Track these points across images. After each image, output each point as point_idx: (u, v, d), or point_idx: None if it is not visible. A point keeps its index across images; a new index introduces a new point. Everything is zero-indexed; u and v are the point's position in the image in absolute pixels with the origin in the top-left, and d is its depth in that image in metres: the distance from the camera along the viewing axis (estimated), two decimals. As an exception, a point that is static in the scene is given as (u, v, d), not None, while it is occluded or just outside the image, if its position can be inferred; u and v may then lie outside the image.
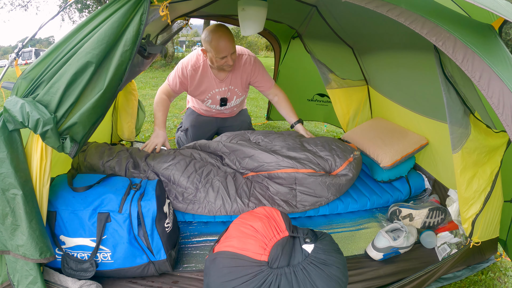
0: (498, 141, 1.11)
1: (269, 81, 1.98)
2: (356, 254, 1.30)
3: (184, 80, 1.84)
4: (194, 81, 1.85)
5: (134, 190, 1.09)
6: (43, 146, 0.90)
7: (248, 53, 1.96)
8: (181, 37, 27.29)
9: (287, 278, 0.87)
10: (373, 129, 1.96)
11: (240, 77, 1.92)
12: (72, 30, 0.89)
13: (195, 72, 1.83)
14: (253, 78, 1.95)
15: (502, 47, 0.87)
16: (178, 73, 1.84)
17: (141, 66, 1.33)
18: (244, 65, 1.90)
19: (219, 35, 1.62)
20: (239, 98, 2.04)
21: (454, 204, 1.35)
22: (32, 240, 0.87)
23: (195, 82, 1.86)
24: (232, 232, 1.00)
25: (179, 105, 4.58)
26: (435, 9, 0.89)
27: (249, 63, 1.91)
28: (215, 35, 1.63)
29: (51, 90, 0.85)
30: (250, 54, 1.94)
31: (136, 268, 1.08)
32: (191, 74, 1.83)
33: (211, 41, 1.63)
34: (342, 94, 2.20)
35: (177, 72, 1.85)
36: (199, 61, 1.83)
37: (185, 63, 1.85)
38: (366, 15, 1.53)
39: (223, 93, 1.95)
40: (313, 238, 0.99)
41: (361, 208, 1.59)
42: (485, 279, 1.37)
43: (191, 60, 1.84)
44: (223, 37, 1.63)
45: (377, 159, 1.71)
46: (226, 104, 2.02)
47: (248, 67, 1.91)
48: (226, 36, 1.63)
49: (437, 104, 1.53)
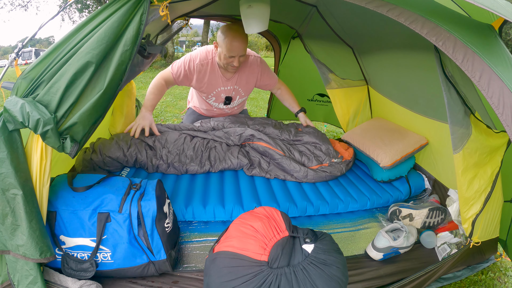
0: (498, 141, 1.11)
1: (274, 78, 2.04)
2: (356, 254, 1.30)
3: (189, 73, 1.82)
4: (200, 75, 1.84)
5: (134, 190, 1.09)
6: (43, 146, 0.90)
7: (254, 54, 1.97)
8: (181, 37, 27.31)
9: (287, 278, 0.87)
10: (373, 129, 1.96)
11: (246, 77, 1.93)
12: (72, 30, 0.89)
13: (202, 67, 1.82)
14: (259, 80, 1.99)
15: (502, 47, 0.87)
16: (184, 64, 1.82)
17: (141, 66, 1.33)
18: (250, 66, 1.91)
19: (235, 34, 1.63)
20: (242, 98, 2.06)
21: (454, 204, 1.35)
22: (32, 240, 0.88)
23: (201, 77, 1.85)
24: (232, 232, 1.00)
25: (179, 105, 4.58)
26: (435, 9, 0.89)
27: (256, 65, 1.93)
28: (232, 33, 1.64)
29: (51, 90, 0.85)
30: (255, 55, 1.96)
31: (136, 268, 1.08)
32: (198, 68, 1.82)
33: (226, 37, 1.64)
34: (342, 94, 2.20)
35: (184, 63, 1.83)
36: (208, 57, 1.82)
37: (194, 56, 1.84)
38: (366, 15, 1.53)
39: (229, 91, 1.96)
40: (313, 238, 0.99)
41: (361, 208, 1.59)
42: (485, 279, 1.37)
43: (200, 54, 1.83)
44: (238, 38, 1.64)
45: (377, 159, 1.71)
46: (230, 103, 2.03)
47: (256, 69, 1.93)
48: (241, 38, 1.65)
49: (437, 104, 1.53)
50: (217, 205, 1.42)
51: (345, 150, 1.92)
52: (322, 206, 1.52)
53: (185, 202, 1.43)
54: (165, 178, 1.62)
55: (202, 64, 1.82)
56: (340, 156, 1.83)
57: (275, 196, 1.53)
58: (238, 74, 1.90)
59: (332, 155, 1.79)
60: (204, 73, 1.84)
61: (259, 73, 1.95)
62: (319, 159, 1.77)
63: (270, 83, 2.04)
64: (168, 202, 1.18)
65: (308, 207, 1.50)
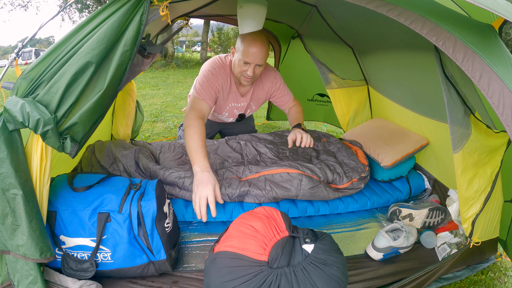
0: (498, 141, 1.11)
1: (288, 95, 1.83)
2: (356, 254, 1.30)
3: (217, 85, 1.59)
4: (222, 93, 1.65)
5: (134, 190, 1.09)
6: (43, 146, 0.90)
7: (273, 69, 1.81)
8: (181, 37, 27.32)
9: (287, 278, 0.86)
10: (373, 129, 1.96)
11: (261, 93, 1.78)
12: (72, 30, 0.89)
13: (224, 83, 1.64)
14: (273, 96, 1.82)
15: (502, 47, 0.87)
16: (209, 79, 1.56)
17: (141, 66, 1.33)
18: (267, 80, 1.75)
19: (256, 39, 1.47)
20: (252, 112, 1.96)
21: (454, 204, 1.35)
22: (32, 240, 0.87)
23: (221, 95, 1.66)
24: (232, 232, 1.00)
25: (179, 105, 4.58)
26: (435, 9, 0.89)
27: (273, 78, 1.76)
28: (252, 36, 1.48)
29: (51, 90, 0.85)
30: (270, 68, 1.79)
31: (136, 268, 1.08)
32: (221, 85, 1.61)
33: (244, 40, 1.48)
34: (342, 94, 2.20)
35: (207, 78, 1.56)
36: (226, 70, 1.64)
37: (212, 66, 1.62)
38: (366, 15, 1.53)
39: (242, 108, 1.82)
40: (313, 238, 0.99)
41: (361, 208, 1.59)
42: (485, 279, 1.37)
43: (216, 64, 1.63)
44: (258, 43, 1.46)
45: (377, 158, 1.71)
46: (241, 120, 1.95)
47: (272, 83, 1.76)
48: (261, 44, 1.47)
49: (437, 104, 1.53)
50: (217, 205, 1.42)
51: (364, 159, 1.77)
52: (322, 207, 1.52)
53: (185, 202, 1.43)
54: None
55: (224, 79, 1.62)
56: (368, 169, 1.67)
57: (275, 196, 1.52)
58: (252, 90, 1.73)
59: (360, 169, 1.64)
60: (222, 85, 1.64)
61: (274, 87, 1.77)
62: (348, 175, 1.59)
63: (282, 100, 1.82)
64: (168, 202, 1.18)
65: (308, 208, 1.50)
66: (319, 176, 1.52)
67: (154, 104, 4.60)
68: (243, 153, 1.76)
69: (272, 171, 1.49)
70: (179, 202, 1.42)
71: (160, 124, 3.60)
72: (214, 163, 1.64)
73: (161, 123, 3.64)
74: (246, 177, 1.51)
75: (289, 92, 1.84)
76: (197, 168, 1.22)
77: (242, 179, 1.50)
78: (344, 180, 1.56)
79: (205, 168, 1.22)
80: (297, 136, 1.45)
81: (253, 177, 1.49)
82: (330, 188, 1.50)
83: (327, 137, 2.00)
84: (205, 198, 1.13)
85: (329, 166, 1.62)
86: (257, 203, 1.44)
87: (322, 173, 1.54)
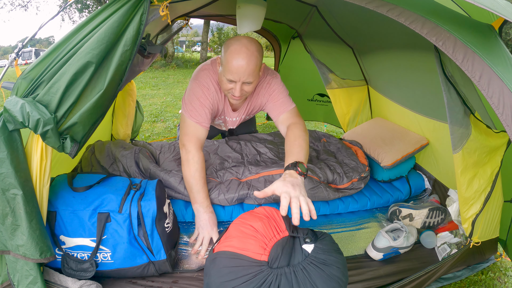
0: (498, 141, 1.11)
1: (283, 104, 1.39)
2: (356, 254, 1.30)
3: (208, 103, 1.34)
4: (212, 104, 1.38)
5: (134, 190, 1.09)
6: (43, 146, 0.90)
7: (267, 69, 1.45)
8: (181, 37, 27.32)
9: (287, 278, 0.86)
10: (373, 129, 1.96)
11: (258, 105, 1.51)
12: (72, 30, 0.89)
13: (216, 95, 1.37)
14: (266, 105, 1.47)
15: (502, 47, 0.87)
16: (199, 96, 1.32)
17: (141, 66, 1.32)
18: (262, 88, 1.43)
19: (241, 50, 1.15)
20: (245, 120, 1.69)
21: (454, 204, 1.35)
22: (32, 240, 0.87)
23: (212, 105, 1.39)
24: (232, 232, 1.00)
25: (179, 105, 4.58)
26: (435, 9, 0.89)
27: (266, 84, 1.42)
28: (238, 45, 1.16)
29: (51, 90, 0.85)
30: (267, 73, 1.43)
31: (136, 268, 1.08)
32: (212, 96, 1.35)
33: (228, 51, 1.18)
34: (342, 94, 2.20)
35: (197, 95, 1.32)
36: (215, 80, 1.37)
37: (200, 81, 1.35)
38: (366, 15, 1.53)
39: (233, 123, 1.61)
40: (313, 238, 0.99)
41: (361, 208, 1.59)
42: (485, 279, 1.37)
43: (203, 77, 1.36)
44: (242, 56, 1.15)
45: (377, 158, 1.71)
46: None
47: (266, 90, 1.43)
48: (248, 56, 1.15)
49: (437, 104, 1.53)
50: (217, 206, 1.42)
51: (364, 159, 1.74)
52: (323, 207, 1.52)
53: (185, 202, 1.43)
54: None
55: (214, 93, 1.37)
56: (368, 169, 1.64)
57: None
58: (247, 103, 1.47)
59: (360, 169, 1.62)
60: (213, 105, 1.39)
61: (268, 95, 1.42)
62: (349, 175, 1.58)
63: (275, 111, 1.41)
64: (168, 202, 1.18)
65: (308, 207, 1.50)
66: (319, 177, 1.52)
67: (154, 104, 4.60)
68: (243, 153, 1.75)
69: (272, 172, 1.49)
70: (179, 202, 1.42)
71: (160, 124, 3.60)
72: (214, 163, 1.64)
73: (161, 123, 3.64)
74: (246, 178, 1.50)
75: (287, 101, 1.39)
76: (200, 208, 1.25)
77: (241, 180, 1.50)
78: (344, 180, 1.56)
79: (207, 209, 1.26)
80: (293, 203, 0.91)
81: (253, 178, 1.49)
82: (330, 188, 1.50)
83: (327, 137, 2.00)
84: (208, 240, 1.22)
85: (329, 166, 1.62)
86: (257, 204, 1.44)
87: (322, 173, 1.54)
